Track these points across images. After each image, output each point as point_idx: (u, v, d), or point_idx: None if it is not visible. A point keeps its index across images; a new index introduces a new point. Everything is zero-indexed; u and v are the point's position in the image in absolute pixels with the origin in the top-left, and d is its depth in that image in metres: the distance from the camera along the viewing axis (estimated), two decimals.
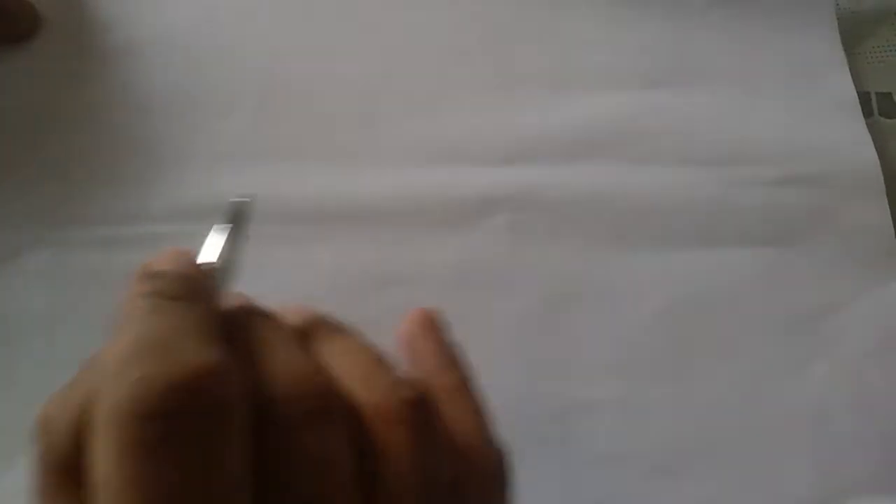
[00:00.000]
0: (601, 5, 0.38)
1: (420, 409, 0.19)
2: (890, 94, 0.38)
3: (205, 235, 0.22)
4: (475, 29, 0.38)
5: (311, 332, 0.21)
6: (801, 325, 0.33)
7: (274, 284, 0.33)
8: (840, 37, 0.38)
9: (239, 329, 0.19)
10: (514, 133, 0.36)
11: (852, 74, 0.37)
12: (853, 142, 0.36)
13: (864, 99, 0.37)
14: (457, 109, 0.36)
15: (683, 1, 0.38)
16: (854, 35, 0.39)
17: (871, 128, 0.36)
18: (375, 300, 0.33)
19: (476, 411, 0.23)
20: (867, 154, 0.35)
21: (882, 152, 0.35)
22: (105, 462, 0.15)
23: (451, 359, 0.24)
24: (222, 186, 0.34)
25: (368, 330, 0.32)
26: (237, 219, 0.22)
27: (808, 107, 0.36)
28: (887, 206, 0.35)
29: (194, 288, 0.19)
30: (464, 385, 0.23)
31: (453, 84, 0.36)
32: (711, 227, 0.34)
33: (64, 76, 0.36)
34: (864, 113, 0.36)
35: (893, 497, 0.30)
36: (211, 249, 0.21)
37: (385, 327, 0.33)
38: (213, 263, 0.21)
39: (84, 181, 0.34)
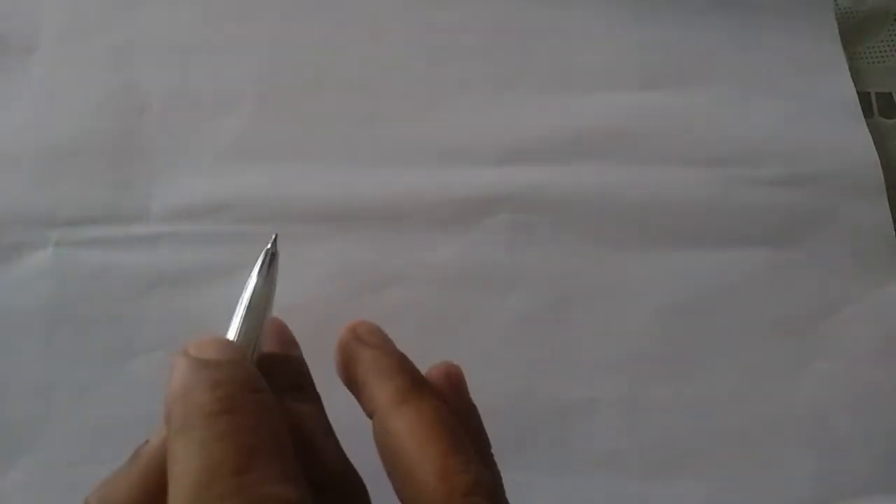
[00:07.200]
0: (601, 5, 0.38)
1: None
2: (890, 94, 0.38)
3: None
4: (475, 29, 0.38)
5: (401, 395, 0.20)
6: (801, 325, 0.33)
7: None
8: (840, 37, 0.38)
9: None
10: (514, 133, 0.36)
11: (852, 74, 0.37)
12: (853, 142, 0.36)
13: (864, 99, 0.37)
14: (457, 109, 0.36)
15: (683, 1, 0.38)
16: (854, 35, 0.39)
17: (871, 128, 0.36)
18: (375, 300, 0.33)
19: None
20: (867, 154, 0.35)
21: (882, 152, 0.35)
22: None
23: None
24: (222, 186, 0.34)
25: None
26: (271, 261, 0.22)
27: (808, 107, 0.36)
28: (887, 206, 0.35)
29: (252, 384, 0.18)
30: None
31: (453, 84, 0.36)
32: (711, 227, 0.34)
33: (64, 76, 0.36)
34: (864, 113, 0.36)
35: (893, 497, 0.30)
36: (250, 306, 0.21)
37: (385, 327, 0.33)
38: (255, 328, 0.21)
39: (84, 181, 0.34)
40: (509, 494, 0.20)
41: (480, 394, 0.32)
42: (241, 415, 0.17)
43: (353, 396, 0.22)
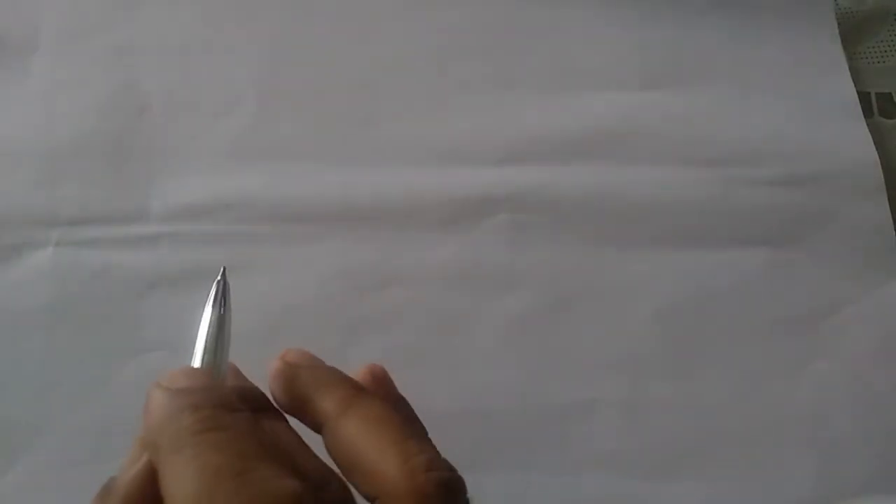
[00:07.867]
0: (601, 5, 0.38)
1: (455, 491, 0.19)
2: (890, 94, 0.38)
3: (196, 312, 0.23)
4: (475, 29, 0.38)
5: (346, 401, 0.21)
6: (801, 325, 0.33)
7: (274, 284, 0.33)
8: (840, 37, 0.38)
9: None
10: (514, 133, 0.36)
11: (852, 74, 0.37)
12: (853, 142, 0.36)
13: (864, 99, 0.37)
14: (457, 109, 0.36)
15: (683, 1, 0.38)
16: (854, 35, 0.39)
17: (871, 128, 0.36)
18: (375, 300, 0.33)
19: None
20: (867, 154, 0.35)
21: (882, 152, 0.35)
22: None
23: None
24: (222, 186, 0.34)
25: (368, 330, 0.32)
26: (224, 293, 0.23)
27: (808, 107, 0.36)
28: (887, 206, 0.35)
29: (231, 405, 0.19)
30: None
31: (453, 84, 0.36)
32: (711, 227, 0.34)
33: (64, 76, 0.36)
34: (864, 113, 0.36)
35: (893, 497, 0.30)
36: (209, 336, 0.22)
37: (385, 327, 0.33)
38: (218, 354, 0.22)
39: (85, 181, 0.34)
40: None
41: (481, 394, 0.32)
42: (227, 430, 0.18)
43: None
